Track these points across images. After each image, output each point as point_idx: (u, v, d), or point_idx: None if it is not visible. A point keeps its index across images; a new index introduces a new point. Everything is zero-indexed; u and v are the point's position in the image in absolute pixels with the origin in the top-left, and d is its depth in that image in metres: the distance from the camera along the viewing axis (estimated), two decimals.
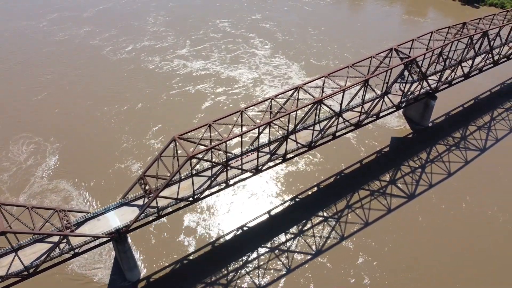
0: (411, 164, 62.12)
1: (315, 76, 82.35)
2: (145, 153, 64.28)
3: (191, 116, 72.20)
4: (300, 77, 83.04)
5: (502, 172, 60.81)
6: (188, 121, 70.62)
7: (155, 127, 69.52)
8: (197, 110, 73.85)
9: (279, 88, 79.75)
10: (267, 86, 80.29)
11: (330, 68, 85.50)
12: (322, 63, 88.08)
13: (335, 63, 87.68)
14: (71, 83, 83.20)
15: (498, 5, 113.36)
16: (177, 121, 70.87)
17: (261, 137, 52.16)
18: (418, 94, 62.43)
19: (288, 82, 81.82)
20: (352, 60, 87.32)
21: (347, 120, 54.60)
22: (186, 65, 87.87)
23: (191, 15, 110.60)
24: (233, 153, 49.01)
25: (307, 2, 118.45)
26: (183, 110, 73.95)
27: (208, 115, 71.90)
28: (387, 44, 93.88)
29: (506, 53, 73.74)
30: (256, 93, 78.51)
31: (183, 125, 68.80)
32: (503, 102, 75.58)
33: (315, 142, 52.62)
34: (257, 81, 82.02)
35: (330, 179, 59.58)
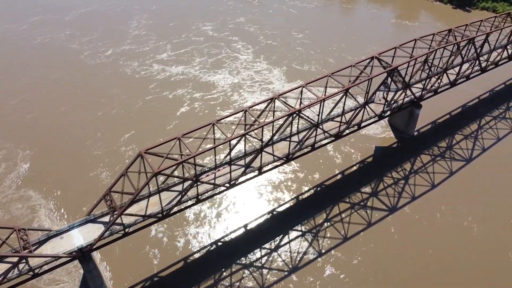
0: (394, 176, 61.67)
1: (296, 81, 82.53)
2: (115, 161, 63.60)
3: (165, 122, 71.70)
4: (281, 82, 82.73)
5: (486, 183, 60.41)
6: (162, 128, 70.24)
7: (128, 134, 68.96)
8: (172, 116, 73.31)
9: (257, 94, 79.40)
10: (246, 92, 79.89)
11: (312, 73, 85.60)
12: (304, 68, 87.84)
13: (317, 68, 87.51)
14: (47, 88, 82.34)
15: (490, 9, 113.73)
16: (151, 127, 70.39)
17: (236, 149, 51.82)
18: (401, 103, 62.10)
19: (268, 87, 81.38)
20: (334, 65, 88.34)
21: (326, 131, 54.03)
22: (165, 69, 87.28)
23: (175, 18, 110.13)
24: (206, 167, 48.43)
25: (294, 5, 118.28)
26: (157, 116, 73.42)
27: (183, 121, 71.79)
28: (371, 49, 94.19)
29: (494, 60, 73.75)
30: (234, 99, 78.08)
31: (156, 132, 68.96)
32: (491, 110, 75.43)
33: (293, 154, 52.03)
34: (236, 87, 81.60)
35: (310, 191, 59.00)
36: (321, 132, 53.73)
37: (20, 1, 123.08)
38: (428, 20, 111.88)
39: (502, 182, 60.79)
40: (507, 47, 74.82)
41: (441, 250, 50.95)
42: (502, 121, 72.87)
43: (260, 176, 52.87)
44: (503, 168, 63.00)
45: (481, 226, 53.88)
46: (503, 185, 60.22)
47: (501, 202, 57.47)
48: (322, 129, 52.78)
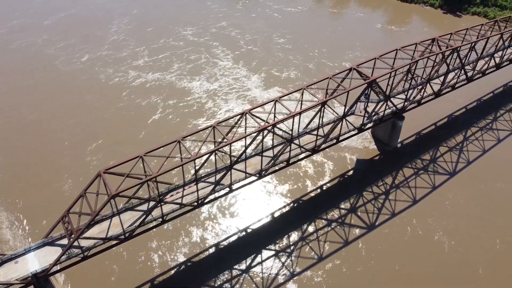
0: (374, 190, 61.04)
1: (274, 88, 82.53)
2: (79, 172, 62.69)
3: (135, 131, 71.08)
4: (258, 90, 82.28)
5: (470, 197, 59.90)
6: (131, 137, 69.62)
7: (96, 142, 68.24)
8: (143, 125, 72.66)
9: (233, 102, 78.90)
10: (221, 100, 79.41)
11: (291, 79, 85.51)
12: (283, 74, 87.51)
13: (297, 74, 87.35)
14: (18, 94, 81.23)
15: (481, 14, 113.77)
16: (120, 137, 69.71)
17: (207, 165, 50.97)
18: (383, 115, 61.54)
19: (245, 94, 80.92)
20: (314, 72, 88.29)
21: (302, 145, 53.26)
22: (140, 76, 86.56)
23: (155, 23, 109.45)
24: (173, 185, 47.56)
25: (278, 9, 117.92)
26: (128, 125, 72.72)
27: (154, 130, 71.51)
28: (353, 54, 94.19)
29: (481, 69, 73.47)
30: (208, 107, 77.51)
31: (125, 141, 68.46)
32: (478, 121, 75.11)
33: (266, 171, 51.27)
34: (212, 94, 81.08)
35: (286, 207, 58.21)
36: (297, 147, 52.94)
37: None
38: (416, 25, 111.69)
39: (487, 194, 60.39)
40: (494, 55, 74.59)
41: (418, 269, 50.41)
42: (488, 132, 72.53)
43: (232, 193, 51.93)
44: (487, 182, 62.54)
45: (465, 243, 53.48)
46: (486, 198, 59.79)
47: (485, 216, 57.12)
48: (297, 144, 52.00)
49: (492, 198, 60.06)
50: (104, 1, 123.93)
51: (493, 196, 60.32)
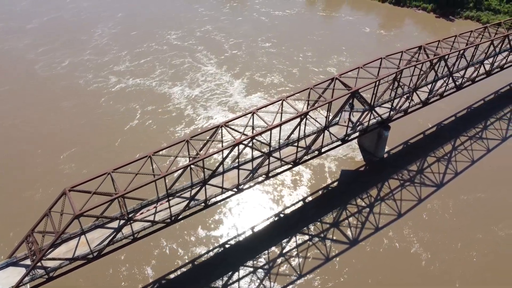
0: (359, 203, 60.50)
1: (256, 94, 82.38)
2: (51, 181, 62.05)
3: (111, 138, 70.57)
4: (240, 96, 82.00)
5: (456, 209, 59.50)
6: (106, 144, 69.11)
7: (69, 150, 67.60)
8: (120, 132, 72.13)
9: (213, 109, 78.46)
10: (201, 107, 78.96)
11: (274, 85, 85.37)
12: (266, 79, 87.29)
13: (280, 80, 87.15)
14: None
15: (474, 18, 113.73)
16: (95, 144, 69.17)
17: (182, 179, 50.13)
18: (367, 125, 61.05)
19: (226, 101, 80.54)
20: (298, 77, 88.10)
21: (281, 158, 52.58)
22: (121, 81, 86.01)
23: (140, 26, 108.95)
24: (147, 200, 46.82)
25: (265, 12, 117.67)
26: (105, 132, 72.18)
27: (130, 137, 71.07)
28: (338, 59, 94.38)
29: (470, 77, 73.20)
30: (187, 113, 77.05)
31: (99, 149, 68.04)
32: (468, 129, 74.72)
33: (243, 184, 50.57)
34: (193, 100, 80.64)
35: (265, 222, 57.33)
36: (275, 160, 52.24)
37: None
38: (406, 30, 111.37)
39: (468, 205, 60.15)
40: (484, 62, 74.28)
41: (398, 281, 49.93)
42: (478, 141, 72.16)
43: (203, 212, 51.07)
44: (470, 192, 62.08)
45: (449, 258, 53.05)
46: (467, 209, 59.62)
47: (463, 227, 56.94)
48: (276, 157, 51.32)
49: (472, 208, 59.73)
50: (90, 4, 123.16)
51: (473, 207, 59.97)
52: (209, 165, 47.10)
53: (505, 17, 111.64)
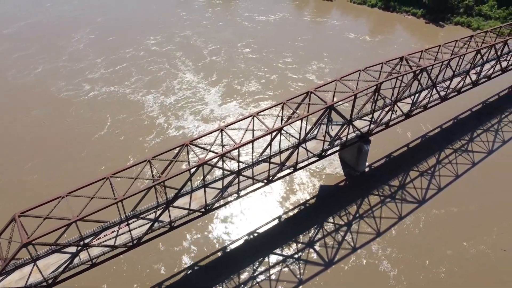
0: (336, 221, 59.64)
1: (232, 103, 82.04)
2: (13, 193, 61.27)
3: (78, 149, 70.11)
4: (215, 105, 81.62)
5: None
6: (72, 155, 68.61)
7: (33, 161, 66.69)
8: (87, 142, 71.55)
9: (186, 119, 77.76)
10: (174, 116, 78.42)
11: (251, 93, 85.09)
12: (243, 87, 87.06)
13: (258, 87, 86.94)
14: None
15: (465, 24, 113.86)
16: (60, 155, 68.64)
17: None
18: (345, 140, 60.37)
19: (201, 110, 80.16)
20: (276, 84, 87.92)
21: (252, 177, 51.61)
22: (94, 89, 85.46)
23: (118, 32, 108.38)
24: (109, 222, 45.75)
25: (249, 17, 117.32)
26: (71, 142, 71.62)
27: (97, 148, 70.24)
28: (318, 66, 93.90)
29: (455, 87, 72.85)
30: (159, 122, 76.64)
31: (64, 160, 67.61)
32: (453, 142, 74.16)
33: (212, 205, 49.60)
34: (166, 109, 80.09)
35: (236, 243, 56.13)
36: (244, 179, 51.33)
37: None
38: (392, 36, 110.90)
39: (446, 221, 59.51)
40: (470, 73, 73.91)
41: None
42: (463, 154, 71.69)
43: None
44: (448, 208, 61.39)
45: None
46: (447, 226, 58.90)
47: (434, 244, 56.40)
48: (245, 176, 50.42)
49: (445, 223, 59.23)
50: (70, 8, 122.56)
51: (446, 222, 59.47)
52: (177, 184, 45.99)
53: (496, 23, 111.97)
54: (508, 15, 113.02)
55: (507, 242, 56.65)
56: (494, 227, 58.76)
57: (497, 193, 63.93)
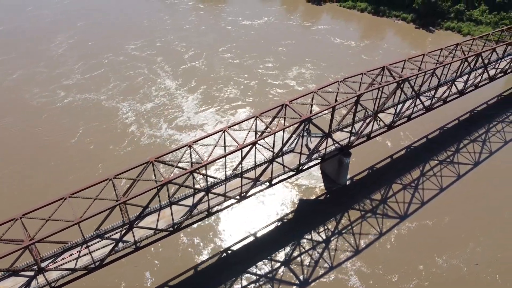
0: (314, 238, 58.71)
1: (209, 110, 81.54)
2: None
3: (46, 158, 69.33)
4: (191, 113, 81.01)
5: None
6: (39, 165, 67.85)
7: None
8: (57, 151, 70.75)
9: (159, 128, 76.91)
10: (147, 124, 77.84)
11: (229, 99, 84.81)
12: (222, 94, 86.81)
13: (237, 94, 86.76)
14: None
15: (455, 29, 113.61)
16: (27, 166, 67.85)
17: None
18: (324, 153, 59.58)
19: (176, 117, 79.69)
20: (256, 90, 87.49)
21: (222, 194, 50.61)
22: (68, 95, 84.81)
23: (99, 36, 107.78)
24: (70, 243, 44.70)
25: (232, 21, 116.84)
26: (40, 151, 70.90)
27: (67, 158, 69.41)
28: (298, 71, 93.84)
29: (441, 97, 72.22)
30: (131, 130, 76.07)
31: (30, 171, 66.73)
32: (438, 153, 73.48)
33: (180, 224, 48.59)
34: (141, 117, 79.49)
35: (208, 261, 54.97)
36: (214, 197, 50.39)
37: None
38: (378, 42, 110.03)
39: (420, 235, 59.07)
40: (456, 81, 73.33)
41: None
42: (448, 166, 71.06)
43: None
44: (421, 221, 60.76)
45: None
46: (420, 240, 58.45)
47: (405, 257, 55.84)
48: (215, 193, 49.46)
49: (417, 237, 58.82)
50: (51, 12, 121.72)
51: (418, 235, 59.07)
52: (145, 201, 44.99)
53: (487, 28, 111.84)
54: (499, 20, 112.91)
55: (481, 257, 56.21)
56: (470, 241, 58.26)
57: (478, 207, 63.42)
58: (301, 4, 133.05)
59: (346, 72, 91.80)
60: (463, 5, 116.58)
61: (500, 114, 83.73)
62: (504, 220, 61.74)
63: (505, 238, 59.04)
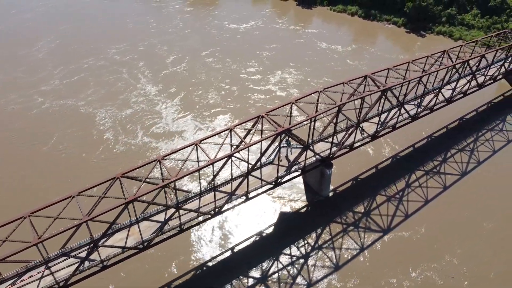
0: (293, 253, 57.74)
1: (187, 118, 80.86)
2: None
3: (14, 168, 68.05)
4: (169, 119, 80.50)
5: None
6: (8, 177, 66.73)
7: None
8: (27, 161, 69.67)
9: (134, 135, 75.90)
10: (123, 131, 76.92)
11: (209, 106, 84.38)
12: (202, 99, 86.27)
13: (217, 99, 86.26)
14: None
15: (447, 34, 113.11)
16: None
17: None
18: (304, 165, 58.67)
19: (153, 125, 78.87)
20: (237, 95, 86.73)
21: (194, 210, 49.50)
22: (45, 102, 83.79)
23: (81, 40, 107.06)
24: (34, 262, 43.58)
25: (217, 24, 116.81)
26: (10, 161, 69.70)
27: (37, 168, 68.30)
28: (281, 77, 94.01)
29: (427, 105, 71.39)
30: (107, 137, 75.23)
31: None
32: (425, 162, 72.66)
33: (150, 241, 47.51)
34: (117, 124, 78.56)
35: (179, 279, 53.92)
36: (185, 213, 49.29)
37: None
38: (366, 46, 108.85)
39: (396, 246, 58.41)
40: (445, 88, 72.55)
41: None
42: (435, 176, 70.32)
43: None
44: (396, 233, 60.04)
45: None
46: (395, 252, 57.77)
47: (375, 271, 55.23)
48: (186, 208, 48.42)
49: (391, 249, 58.26)
50: (33, 16, 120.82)
51: (392, 247, 58.55)
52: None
53: (479, 32, 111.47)
54: (491, 25, 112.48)
55: (456, 269, 55.50)
56: (446, 253, 57.56)
57: (459, 218, 62.75)
58: (292, 7, 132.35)
59: (330, 77, 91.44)
60: (455, 9, 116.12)
61: (490, 121, 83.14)
62: (483, 232, 61.06)
63: (482, 250, 58.32)
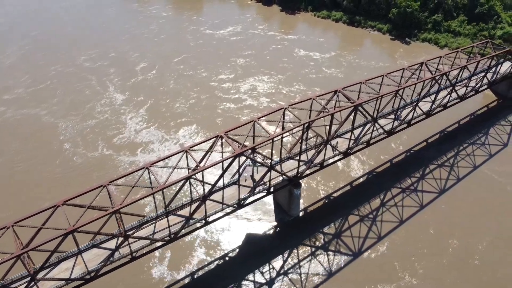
0: (257, 279, 56.06)
1: (152, 128, 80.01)
2: None
3: None
4: (132, 130, 79.62)
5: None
6: None
7: None
8: None
9: (94, 147, 75.00)
10: (84, 142, 76.12)
11: (176, 115, 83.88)
12: (168, 109, 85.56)
13: (184, 109, 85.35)
14: None
15: (432, 41, 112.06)
16: None
17: None
18: (269, 185, 57.01)
19: (115, 135, 77.85)
20: (205, 104, 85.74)
21: (145, 237, 47.68)
22: (6, 111, 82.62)
23: (52, 46, 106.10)
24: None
25: (194, 30, 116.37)
26: None
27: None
28: (251, 85, 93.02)
29: (404, 119, 70.01)
30: (66, 148, 74.54)
31: None
32: (402, 179, 70.99)
33: (97, 271, 45.69)
34: (77, 135, 77.63)
35: None
36: (138, 239, 47.63)
37: None
38: (345, 54, 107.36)
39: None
40: (420, 103, 71.20)
41: None
42: (411, 195, 68.69)
43: None
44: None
45: None
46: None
47: None
48: (136, 236, 46.66)
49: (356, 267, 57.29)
50: (6, 21, 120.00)
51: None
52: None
53: (465, 40, 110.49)
54: (478, 32, 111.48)
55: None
56: (407, 273, 56.71)
57: (426, 238, 61.62)
58: (276, 13, 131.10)
59: (302, 85, 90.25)
60: (441, 15, 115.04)
61: (472, 135, 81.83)
62: (446, 252, 59.80)
63: (443, 270, 57.19)
